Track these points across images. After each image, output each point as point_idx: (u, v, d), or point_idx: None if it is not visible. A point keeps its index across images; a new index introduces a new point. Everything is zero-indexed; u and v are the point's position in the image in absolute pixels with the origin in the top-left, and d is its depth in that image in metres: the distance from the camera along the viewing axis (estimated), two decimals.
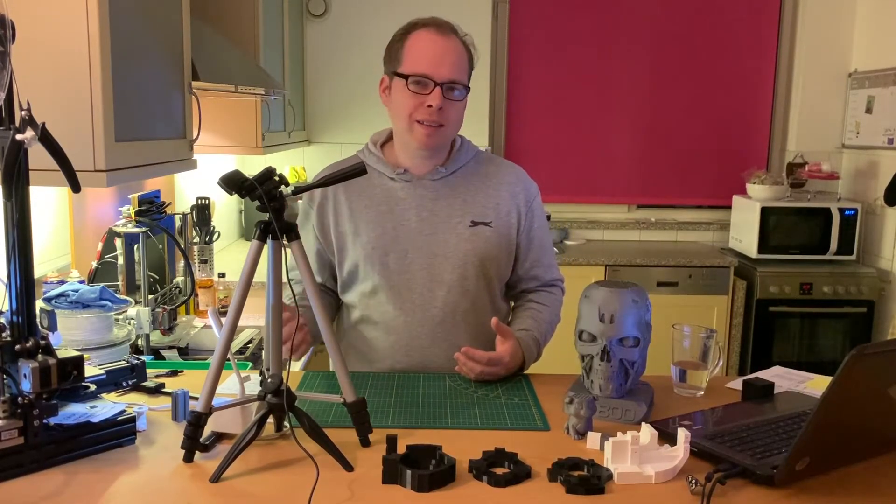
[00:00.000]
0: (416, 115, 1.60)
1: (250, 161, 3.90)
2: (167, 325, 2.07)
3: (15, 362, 1.14)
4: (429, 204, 1.68)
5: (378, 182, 1.70)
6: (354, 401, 1.26)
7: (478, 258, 1.68)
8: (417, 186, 1.69)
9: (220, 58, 2.29)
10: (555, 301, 1.81)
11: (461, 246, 1.67)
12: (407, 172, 1.69)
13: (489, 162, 1.78)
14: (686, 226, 4.38)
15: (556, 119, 4.30)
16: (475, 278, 1.69)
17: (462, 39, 1.65)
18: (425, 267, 1.67)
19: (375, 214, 1.68)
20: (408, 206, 1.68)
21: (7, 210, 1.14)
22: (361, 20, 4.07)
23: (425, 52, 1.60)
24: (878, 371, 1.10)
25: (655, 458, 1.18)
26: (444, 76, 1.58)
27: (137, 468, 1.17)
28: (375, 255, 1.66)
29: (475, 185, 1.72)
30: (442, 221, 1.68)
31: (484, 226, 1.69)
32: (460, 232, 1.68)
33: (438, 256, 1.67)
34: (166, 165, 1.82)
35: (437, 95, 1.58)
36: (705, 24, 4.25)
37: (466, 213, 1.69)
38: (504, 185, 1.73)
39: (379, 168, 1.71)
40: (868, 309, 3.78)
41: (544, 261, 1.79)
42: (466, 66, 1.64)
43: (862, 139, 4.02)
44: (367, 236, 1.67)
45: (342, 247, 1.70)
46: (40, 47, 1.44)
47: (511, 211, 1.72)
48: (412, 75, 1.59)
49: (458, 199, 1.70)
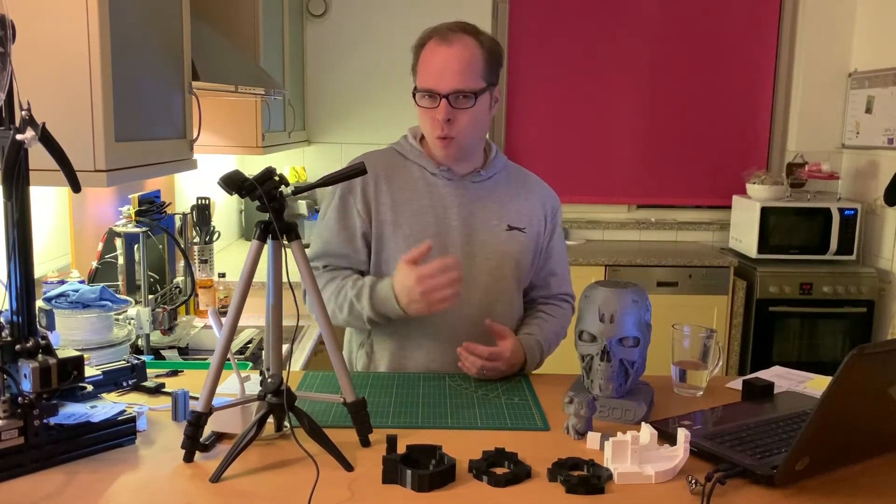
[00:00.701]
0: (434, 133, 1.63)
1: (250, 161, 3.90)
2: (167, 325, 2.07)
3: (15, 362, 1.14)
4: (469, 204, 1.70)
5: (419, 175, 1.71)
6: (354, 401, 1.26)
7: (514, 261, 1.71)
8: (458, 186, 1.71)
9: (220, 58, 2.29)
10: (563, 315, 1.82)
11: (499, 248, 1.70)
12: (449, 170, 1.70)
13: (519, 172, 1.83)
14: (686, 226, 4.38)
15: (556, 119, 4.30)
16: (509, 280, 1.72)
17: (475, 38, 1.62)
18: (463, 267, 1.65)
19: (418, 207, 1.68)
20: (449, 204, 1.69)
21: (7, 210, 1.14)
22: (361, 20, 4.07)
23: (428, 65, 1.61)
24: (878, 371, 1.10)
25: (655, 458, 1.18)
26: (447, 87, 1.58)
27: (137, 468, 1.17)
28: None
29: (510, 191, 1.75)
30: (480, 222, 1.70)
31: (519, 231, 1.72)
32: (497, 235, 1.70)
33: (477, 257, 1.69)
34: (166, 165, 1.82)
35: (443, 108, 1.59)
36: (705, 24, 4.25)
37: (503, 218, 1.72)
38: (535, 194, 1.78)
39: (421, 162, 1.72)
40: (868, 309, 3.78)
41: (559, 272, 1.83)
42: (478, 68, 1.61)
43: (862, 139, 4.02)
44: (409, 229, 1.67)
45: (380, 235, 1.69)
46: (40, 47, 1.44)
47: (541, 220, 1.77)
48: (419, 91, 1.62)
49: (496, 203, 1.73)
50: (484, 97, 1.63)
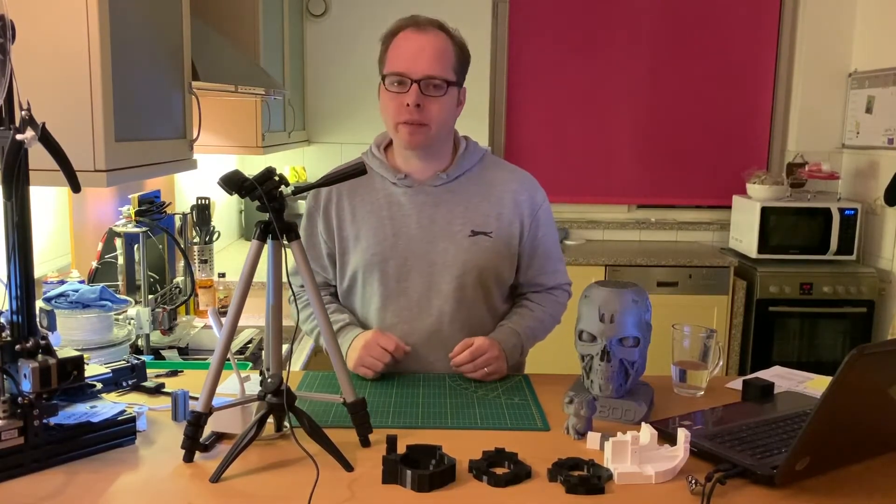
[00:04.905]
0: (399, 117, 1.59)
1: (250, 161, 3.90)
2: (167, 325, 2.07)
3: (15, 362, 1.14)
4: (429, 211, 1.66)
5: (381, 186, 1.69)
6: (354, 401, 1.26)
7: (476, 269, 1.66)
8: (419, 193, 1.67)
9: (220, 58, 2.29)
10: (553, 302, 1.77)
11: (460, 256, 1.65)
12: (408, 178, 1.67)
13: (495, 167, 1.75)
14: (686, 226, 4.38)
15: (556, 119, 4.30)
16: (472, 288, 1.67)
17: (447, 33, 1.61)
18: (424, 276, 1.65)
19: (377, 220, 1.66)
20: (408, 213, 1.66)
21: (7, 210, 1.14)
22: (361, 20, 4.07)
23: (402, 50, 1.58)
24: (878, 371, 1.10)
25: (655, 458, 1.18)
26: (420, 72, 1.56)
27: (137, 468, 1.17)
28: (375, 262, 1.65)
29: (478, 192, 1.69)
30: (441, 229, 1.66)
31: (484, 236, 1.66)
32: (459, 241, 1.65)
33: (437, 265, 1.65)
34: (166, 165, 1.82)
35: (414, 93, 1.56)
36: (705, 24, 4.25)
37: (467, 222, 1.66)
38: (508, 192, 1.70)
39: (381, 172, 1.69)
40: (868, 309, 3.78)
41: (548, 268, 1.76)
42: (450, 60, 1.59)
43: (862, 139, 4.02)
44: (367, 242, 1.66)
45: (344, 251, 1.70)
46: (40, 47, 1.44)
47: (514, 220, 1.69)
48: (389, 75, 1.59)
49: (460, 206, 1.67)
50: (452, 91, 1.61)
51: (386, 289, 1.66)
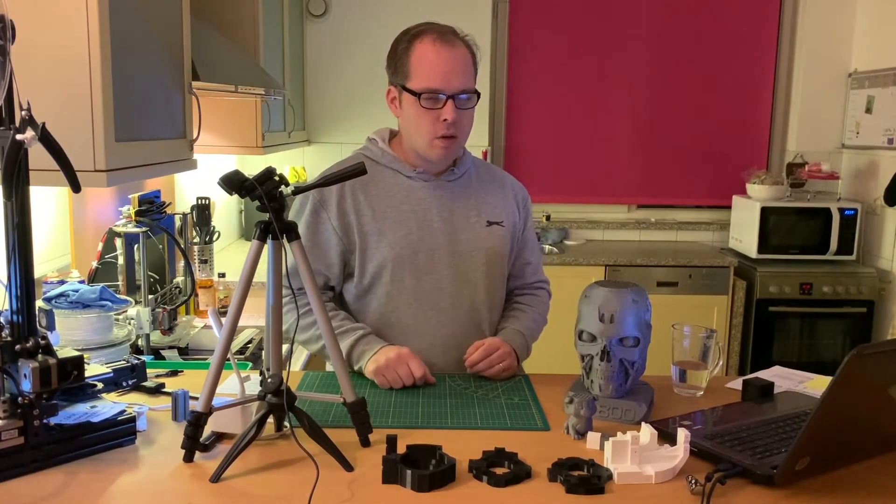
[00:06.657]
0: (435, 132, 1.61)
1: (250, 161, 3.90)
2: (167, 325, 2.07)
3: (15, 362, 1.14)
4: (448, 204, 1.71)
5: (394, 181, 1.70)
6: (354, 401, 1.27)
7: (497, 256, 1.73)
8: (436, 187, 1.71)
9: (220, 58, 2.29)
10: (539, 303, 1.84)
11: (482, 245, 1.71)
12: (425, 172, 1.70)
13: (485, 166, 1.85)
14: (686, 226, 4.38)
15: (556, 119, 4.30)
16: (495, 276, 1.74)
17: (465, 42, 1.63)
18: (452, 266, 1.69)
19: (399, 214, 1.67)
20: (429, 206, 1.69)
21: (7, 210, 1.14)
22: (361, 20, 4.07)
23: (433, 66, 1.58)
24: (878, 371, 1.10)
25: (655, 458, 1.18)
26: (454, 87, 1.59)
27: (137, 468, 1.17)
28: (406, 254, 1.66)
29: (484, 187, 1.77)
30: (461, 221, 1.71)
31: (498, 225, 1.74)
32: (478, 231, 1.72)
33: (462, 255, 1.69)
34: (166, 165, 1.82)
35: (451, 109, 1.59)
36: (705, 24, 4.25)
37: (482, 214, 1.73)
38: (507, 187, 1.80)
39: (395, 167, 1.71)
40: (868, 309, 3.78)
41: (533, 260, 1.85)
42: (472, 70, 1.64)
43: (862, 139, 4.02)
44: (393, 236, 1.66)
45: (365, 247, 1.67)
46: (40, 47, 1.44)
47: (515, 211, 1.79)
48: (424, 92, 1.59)
49: (472, 199, 1.74)
50: (474, 99, 1.65)
51: (418, 281, 1.67)
